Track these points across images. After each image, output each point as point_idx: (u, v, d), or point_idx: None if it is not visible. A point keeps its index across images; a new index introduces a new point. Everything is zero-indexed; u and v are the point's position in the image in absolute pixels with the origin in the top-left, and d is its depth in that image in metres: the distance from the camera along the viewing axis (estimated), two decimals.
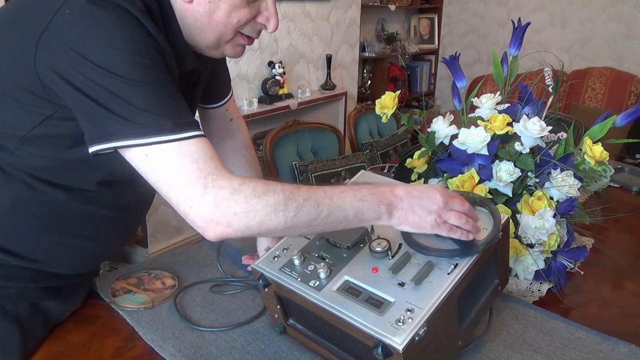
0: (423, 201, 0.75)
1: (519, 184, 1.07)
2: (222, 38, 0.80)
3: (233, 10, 0.77)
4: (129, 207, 0.92)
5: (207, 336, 0.91)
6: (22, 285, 0.86)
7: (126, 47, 0.67)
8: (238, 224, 0.67)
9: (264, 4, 0.80)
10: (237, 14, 0.77)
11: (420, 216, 0.75)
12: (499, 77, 1.22)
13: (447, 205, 0.76)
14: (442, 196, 0.76)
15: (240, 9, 0.77)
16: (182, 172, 0.67)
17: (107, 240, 0.93)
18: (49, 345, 0.89)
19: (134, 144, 0.67)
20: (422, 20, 4.59)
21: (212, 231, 0.68)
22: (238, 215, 0.67)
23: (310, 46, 3.23)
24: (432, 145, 1.15)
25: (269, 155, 1.97)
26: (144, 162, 0.68)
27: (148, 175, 0.69)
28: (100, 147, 0.68)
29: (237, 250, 1.20)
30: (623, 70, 3.65)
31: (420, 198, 0.75)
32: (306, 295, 0.76)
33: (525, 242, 1.05)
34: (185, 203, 0.67)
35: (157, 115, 0.67)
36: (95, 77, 0.65)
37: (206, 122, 1.16)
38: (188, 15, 0.77)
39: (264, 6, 0.80)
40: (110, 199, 0.86)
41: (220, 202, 0.66)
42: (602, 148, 1.07)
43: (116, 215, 0.89)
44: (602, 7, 3.71)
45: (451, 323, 0.76)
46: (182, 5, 0.77)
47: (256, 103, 2.85)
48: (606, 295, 1.10)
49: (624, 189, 1.73)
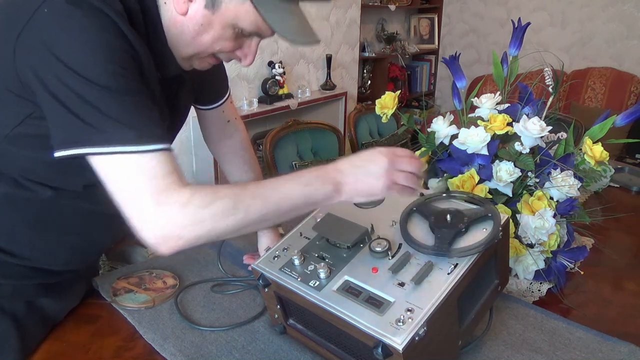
0: (368, 168, 0.76)
1: (519, 184, 1.07)
2: (197, 55, 0.82)
3: (220, 39, 0.78)
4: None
5: (207, 336, 0.91)
6: (17, 283, 0.86)
7: (99, 52, 0.66)
8: (188, 236, 0.68)
9: (249, 42, 0.81)
10: (221, 44, 0.79)
11: (369, 184, 0.76)
12: (499, 77, 1.22)
13: (393, 165, 0.77)
14: (386, 157, 0.77)
15: (226, 41, 0.78)
16: (137, 187, 0.67)
17: (99, 236, 0.93)
18: (49, 345, 0.89)
19: (94, 151, 0.67)
20: (422, 20, 4.59)
21: (165, 247, 0.69)
22: (187, 227, 0.68)
23: (310, 46, 3.23)
24: (432, 145, 1.15)
25: (269, 155, 1.97)
26: (104, 170, 0.68)
27: (107, 183, 0.69)
28: (63, 154, 0.67)
29: (238, 249, 1.20)
30: (623, 70, 3.64)
31: (365, 166, 0.76)
32: (306, 295, 0.76)
33: (525, 242, 1.05)
34: (138, 219, 0.68)
35: (122, 124, 0.67)
36: (66, 79, 0.65)
37: (203, 123, 1.16)
38: (176, 26, 0.78)
39: (247, 43, 0.82)
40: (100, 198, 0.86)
41: (170, 218, 0.67)
42: (602, 148, 1.07)
43: (106, 212, 0.89)
44: (602, 7, 3.71)
45: (451, 323, 0.76)
46: (173, 15, 0.77)
47: (256, 103, 2.85)
48: (606, 295, 1.10)
49: (624, 189, 1.73)
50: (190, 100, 1.02)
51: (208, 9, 0.75)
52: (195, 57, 0.83)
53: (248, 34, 0.79)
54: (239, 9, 0.74)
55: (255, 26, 0.77)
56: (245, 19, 0.75)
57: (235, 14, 0.75)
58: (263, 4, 0.74)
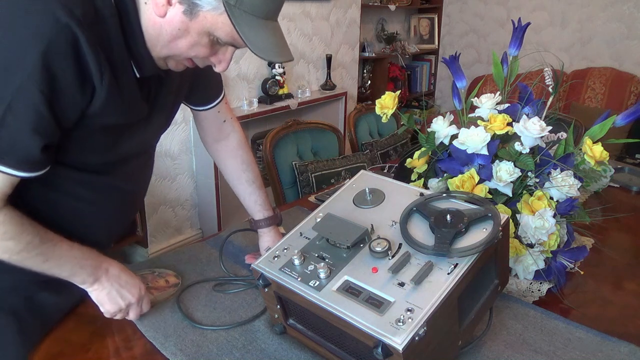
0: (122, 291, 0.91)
1: (519, 184, 1.07)
2: (174, 57, 0.84)
3: (195, 45, 0.80)
4: (106, 200, 0.94)
5: (208, 335, 0.91)
6: (15, 277, 0.87)
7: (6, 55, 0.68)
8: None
9: (224, 49, 0.83)
10: (196, 50, 0.81)
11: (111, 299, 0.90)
12: (499, 77, 1.22)
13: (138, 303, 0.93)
14: (134, 299, 0.92)
15: (201, 47, 0.80)
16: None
17: (90, 231, 0.94)
18: (49, 345, 0.89)
19: None
20: (422, 20, 4.59)
21: None
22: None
23: (310, 46, 3.23)
24: (432, 145, 1.15)
25: (269, 155, 1.97)
26: None
27: None
28: None
29: (240, 249, 1.21)
30: (623, 70, 3.64)
31: (118, 298, 0.91)
32: (306, 295, 0.76)
33: (525, 242, 1.05)
34: None
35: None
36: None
37: (200, 124, 1.17)
38: (155, 27, 0.79)
39: (222, 51, 0.83)
40: (83, 193, 0.91)
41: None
42: (602, 148, 1.07)
43: (94, 207, 0.93)
44: (602, 7, 3.71)
45: (451, 323, 0.77)
46: (152, 16, 0.78)
47: (256, 103, 2.85)
48: (606, 295, 1.10)
49: (624, 189, 1.73)
50: (177, 99, 1.03)
51: (186, 15, 0.76)
52: (171, 59, 0.84)
53: (223, 43, 0.80)
54: (216, 20, 0.76)
55: (230, 37, 0.78)
56: (221, 30, 0.77)
57: (212, 23, 0.76)
58: (239, 19, 0.75)
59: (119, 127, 0.86)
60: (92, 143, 0.85)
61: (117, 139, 0.88)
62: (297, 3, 3.04)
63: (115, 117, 0.83)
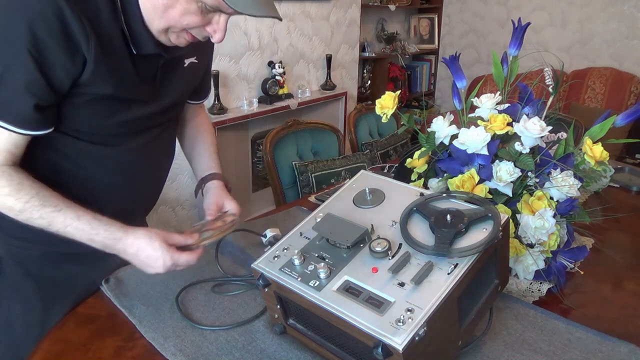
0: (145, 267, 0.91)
1: (519, 184, 1.07)
2: (170, 29, 0.87)
3: (186, 13, 0.84)
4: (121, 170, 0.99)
5: (208, 335, 0.91)
6: (45, 247, 0.93)
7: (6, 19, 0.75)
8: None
9: (216, 18, 0.87)
10: (188, 18, 0.84)
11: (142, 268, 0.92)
12: (499, 77, 1.22)
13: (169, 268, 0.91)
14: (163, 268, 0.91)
15: (192, 15, 0.84)
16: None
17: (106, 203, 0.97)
18: (49, 345, 0.89)
19: None
20: (422, 20, 4.59)
21: None
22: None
23: (310, 46, 3.23)
24: (432, 145, 1.15)
25: (269, 155, 1.97)
26: None
27: None
28: None
29: (238, 248, 1.20)
30: (623, 70, 3.64)
31: (142, 264, 0.91)
32: (306, 295, 0.76)
33: (525, 242, 1.05)
34: None
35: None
36: None
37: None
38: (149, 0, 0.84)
39: (215, 20, 0.87)
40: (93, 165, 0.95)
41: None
42: (602, 148, 1.07)
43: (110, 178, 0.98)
44: (602, 7, 3.71)
45: (451, 323, 0.76)
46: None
47: (256, 103, 2.85)
48: (606, 295, 1.10)
49: (624, 189, 1.73)
50: (185, 88, 1.08)
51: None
52: (170, 31, 0.88)
53: (212, 8, 0.84)
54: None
55: (216, 1, 0.82)
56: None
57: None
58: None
59: (113, 99, 0.90)
60: (90, 112, 0.90)
61: (114, 111, 0.92)
62: (297, 3, 3.04)
63: (104, 89, 0.87)
